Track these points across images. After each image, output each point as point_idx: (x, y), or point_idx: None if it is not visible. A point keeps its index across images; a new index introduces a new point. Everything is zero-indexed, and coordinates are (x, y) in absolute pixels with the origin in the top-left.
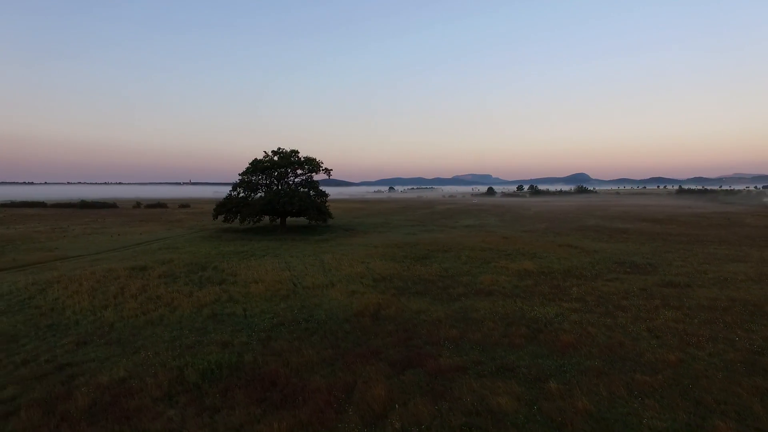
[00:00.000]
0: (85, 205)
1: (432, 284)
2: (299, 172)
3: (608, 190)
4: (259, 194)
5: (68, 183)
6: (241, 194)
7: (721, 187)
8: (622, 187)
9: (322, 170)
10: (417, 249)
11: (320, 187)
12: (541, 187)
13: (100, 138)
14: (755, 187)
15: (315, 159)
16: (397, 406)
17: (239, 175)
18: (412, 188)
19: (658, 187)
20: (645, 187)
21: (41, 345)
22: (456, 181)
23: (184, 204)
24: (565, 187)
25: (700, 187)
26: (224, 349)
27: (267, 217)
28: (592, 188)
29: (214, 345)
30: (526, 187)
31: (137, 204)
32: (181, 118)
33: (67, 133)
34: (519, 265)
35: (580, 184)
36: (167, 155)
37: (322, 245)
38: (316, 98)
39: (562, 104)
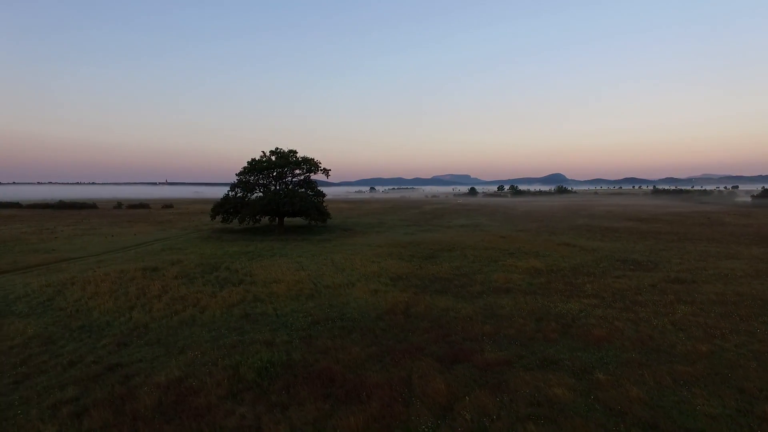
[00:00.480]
0: (63, 205)
1: (449, 282)
2: (297, 172)
3: (587, 190)
4: (256, 194)
5: (38, 183)
6: (239, 194)
7: (693, 187)
8: (599, 188)
9: (320, 170)
10: (421, 248)
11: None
12: (521, 187)
13: (71, 136)
14: (725, 188)
15: (313, 159)
16: (460, 398)
17: (236, 175)
18: (393, 188)
19: (634, 187)
20: (621, 188)
21: (81, 346)
22: (435, 181)
23: (168, 204)
24: (545, 188)
25: (673, 188)
26: (269, 347)
27: (265, 218)
28: (571, 189)
29: (258, 344)
30: (506, 188)
31: (118, 204)
32: (158, 117)
33: (35, 131)
34: (526, 264)
35: (558, 184)
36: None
37: (326, 245)
38: (294, 98)
39: (540, 106)
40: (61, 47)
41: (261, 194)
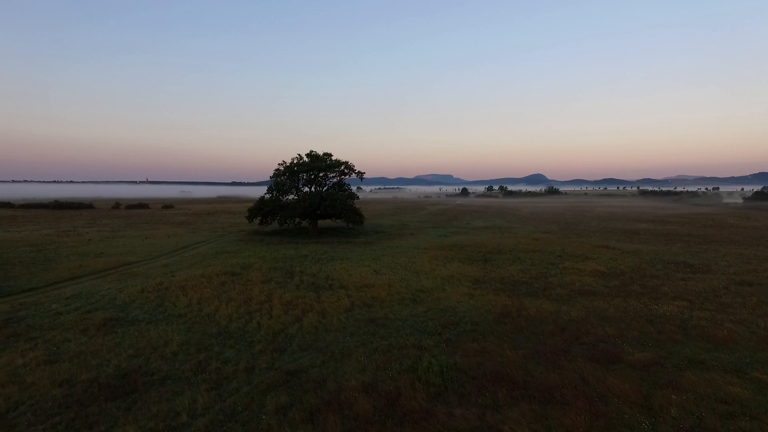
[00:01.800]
0: (59, 205)
1: (529, 285)
2: (330, 174)
3: (575, 190)
4: (289, 197)
5: (12, 181)
6: (274, 197)
7: (676, 188)
8: (585, 188)
9: (355, 173)
10: (468, 251)
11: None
12: (510, 188)
13: (47, 133)
14: (706, 189)
15: (347, 162)
16: (649, 397)
17: (271, 177)
18: (380, 188)
19: (618, 188)
20: (606, 188)
21: (238, 353)
22: (418, 181)
23: (168, 205)
24: (530, 188)
25: (658, 189)
26: (423, 351)
27: (298, 220)
28: (559, 189)
29: (409, 348)
30: (495, 188)
31: (116, 204)
32: (137, 115)
33: (7, 128)
34: (586, 267)
35: (539, 184)
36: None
37: (373, 248)
38: (276, 96)
39: (521, 106)
40: (36, 45)
41: (294, 197)
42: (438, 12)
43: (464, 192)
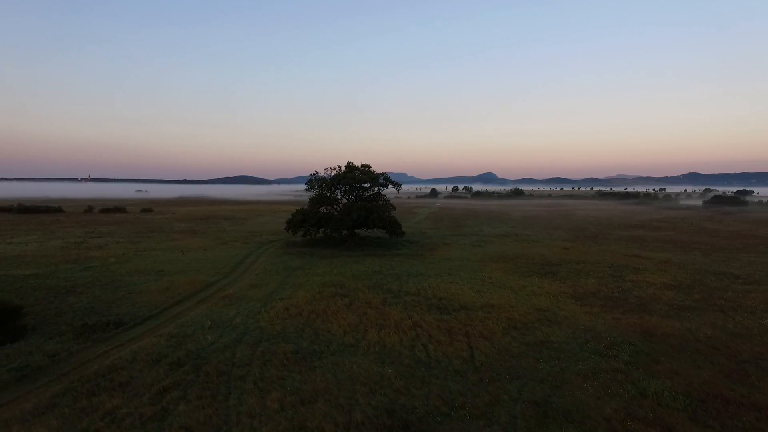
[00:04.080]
0: (24, 209)
1: (623, 301)
2: (366, 186)
3: (536, 190)
4: (322, 208)
5: None
6: (314, 208)
7: (626, 189)
8: (540, 188)
9: (392, 185)
10: (521, 263)
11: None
12: (476, 187)
13: None
14: (654, 190)
15: (385, 173)
16: None
17: (308, 189)
18: None
19: (574, 188)
20: (562, 188)
21: (467, 385)
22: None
23: (146, 208)
24: (488, 187)
25: (615, 190)
26: (619, 374)
27: (345, 232)
28: (526, 191)
29: (608, 372)
30: (461, 188)
31: (89, 208)
32: (76, 107)
33: None
34: (651, 279)
35: (491, 182)
36: (60, 147)
37: (430, 261)
38: (224, 91)
39: (472, 106)
40: None
41: (327, 208)
42: (390, 10)
43: (433, 193)
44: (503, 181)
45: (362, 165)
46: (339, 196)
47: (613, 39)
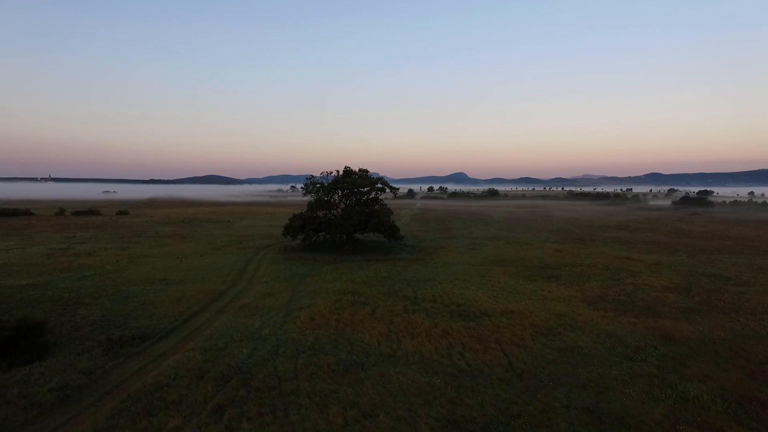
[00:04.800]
0: None
1: (631, 304)
2: (364, 190)
3: (510, 190)
4: (319, 212)
5: None
6: (313, 212)
7: (595, 189)
8: (513, 188)
9: (390, 189)
10: (521, 266)
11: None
12: (449, 187)
13: None
14: (621, 190)
15: (383, 177)
16: None
17: (304, 193)
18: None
19: (545, 188)
20: (534, 189)
21: (516, 394)
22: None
23: (122, 211)
24: (461, 187)
25: (584, 189)
26: (654, 378)
27: (344, 236)
28: (501, 191)
29: (644, 377)
30: (436, 188)
31: (60, 210)
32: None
33: None
34: (649, 282)
35: (462, 182)
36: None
37: (433, 265)
38: (191, 90)
39: (442, 106)
40: None
41: (324, 212)
42: (359, 11)
43: (410, 193)
44: (475, 181)
45: (360, 169)
46: (336, 200)
47: (575, 42)
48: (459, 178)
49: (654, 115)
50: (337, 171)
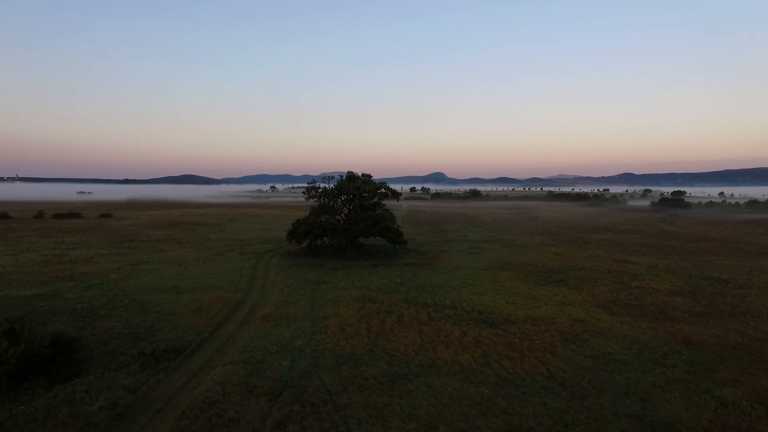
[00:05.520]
0: None
1: (643, 309)
2: (364, 195)
3: (491, 191)
4: (322, 217)
5: None
6: (317, 217)
7: (573, 189)
8: (493, 188)
9: (392, 194)
10: (527, 270)
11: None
12: (428, 187)
13: None
14: (599, 190)
15: (385, 183)
16: None
17: (307, 198)
18: (293, 187)
19: (525, 189)
20: (514, 189)
21: (564, 403)
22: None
23: (105, 213)
24: (443, 187)
25: (563, 190)
26: (690, 384)
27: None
28: (484, 192)
29: (680, 383)
30: (418, 189)
31: (40, 213)
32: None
33: None
34: (653, 285)
35: (441, 182)
36: None
37: (439, 271)
38: (166, 88)
39: (419, 106)
40: None
41: (327, 217)
42: (333, 10)
43: (394, 193)
44: (454, 181)
45: (363, 174)
46: (339, 205)
47: (552, 44)
48: (438, 177)
49: (626, 117)
50: (341, 176)
